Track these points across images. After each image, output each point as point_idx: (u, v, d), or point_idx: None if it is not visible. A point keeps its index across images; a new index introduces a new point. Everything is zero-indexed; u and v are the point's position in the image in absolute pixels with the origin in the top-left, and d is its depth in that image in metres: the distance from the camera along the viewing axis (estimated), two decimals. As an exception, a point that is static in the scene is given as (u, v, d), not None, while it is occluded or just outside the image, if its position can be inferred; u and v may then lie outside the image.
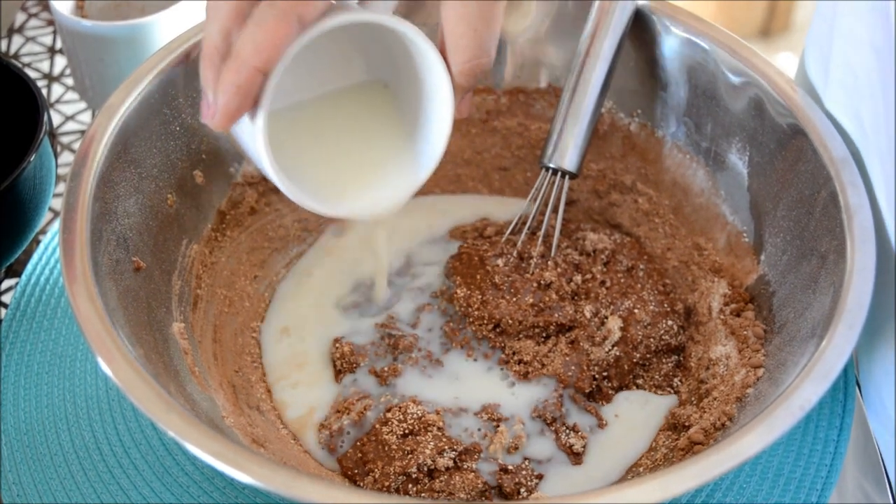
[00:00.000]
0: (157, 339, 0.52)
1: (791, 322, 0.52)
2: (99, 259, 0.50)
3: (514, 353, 0.58)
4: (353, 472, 0.54)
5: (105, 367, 0.44)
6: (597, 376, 0.57)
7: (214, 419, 0.51)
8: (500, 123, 0.69)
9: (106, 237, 0.52)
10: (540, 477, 0.53)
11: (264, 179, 0.64)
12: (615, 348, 0.58)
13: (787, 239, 0.55)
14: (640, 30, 0.62)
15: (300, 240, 0.66)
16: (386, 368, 0.58)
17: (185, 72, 0.59)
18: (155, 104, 0.57)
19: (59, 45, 0.87)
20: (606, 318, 0.59)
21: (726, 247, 0.60)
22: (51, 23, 0.90)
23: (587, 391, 0.57)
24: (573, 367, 0.57)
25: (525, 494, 0.52)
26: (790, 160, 0.55)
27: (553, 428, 0.55)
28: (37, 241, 0.68)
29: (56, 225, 0.67)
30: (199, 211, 0.61)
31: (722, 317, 0.57)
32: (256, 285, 0.63)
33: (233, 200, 0.63)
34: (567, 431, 0.55)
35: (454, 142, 0.69)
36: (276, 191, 0.65)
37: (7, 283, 0.68)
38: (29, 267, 0.64)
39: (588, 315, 0.59)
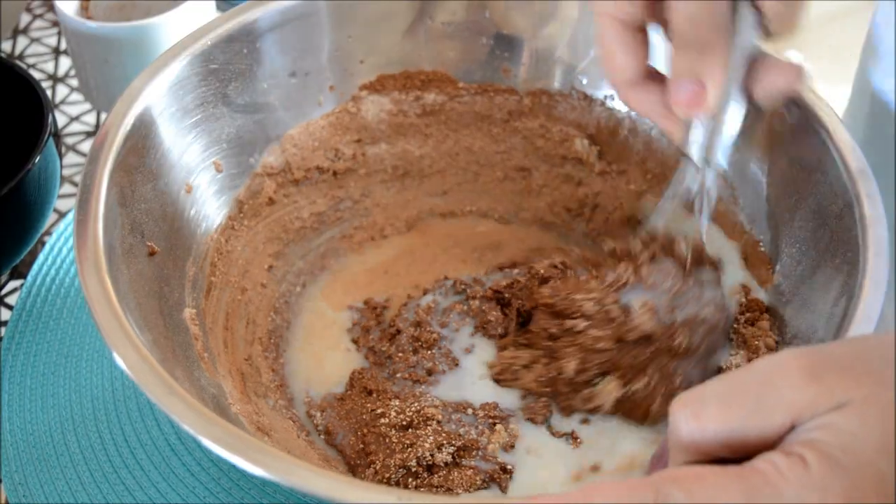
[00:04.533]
0: (167, 324, 0.52)
1: (802, 333, 0.52)
2: (112, 242, 0.50)
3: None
4: (355, 461, 0.54)
5: (113, 351, 0.45)
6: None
7: (221, 406, 0.51)
8: (521, 124, 0.69)
9: (121, 221, 0.52)
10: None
11: (284, 170, 0.65)
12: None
13: (802, 249, 0.54)
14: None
15: (316, 232, 0.66)
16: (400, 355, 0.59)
17: (206, 60, 0.59)
18: (177, 92, 0.58)
19: (63, 46, 0.87)
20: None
21: (743, 255, 0.59)
22: (55, 24, 0.90)
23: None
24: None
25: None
26: (808, 170, 0.55)
27: (546, 426, 0.55)
28: (41, 243, 0.68)
29: (61, 226, 0.68)
30: (216, 199, 0.61)
31: (735, 325, 0.57)
32: (271, 275, 0.63)
33: (251, 190, 0.63)
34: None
35: (476, 140, 0.69)
36: (294, 182, 0.65)
37: (12, 284, 0.68)
38: (34, 268, 0.64)
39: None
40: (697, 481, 0.32)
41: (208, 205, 0.60)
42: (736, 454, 0.34)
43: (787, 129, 0.56)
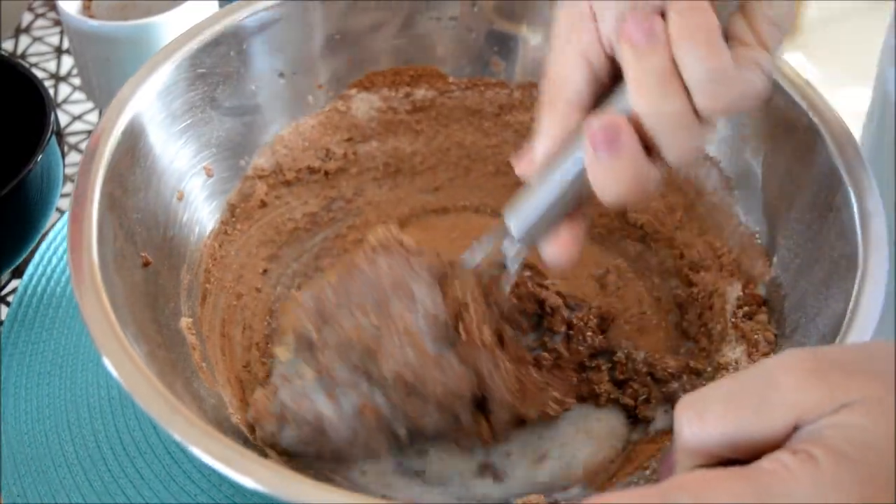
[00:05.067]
0: (164, 334, 0.52)
1: (801, 327, 0.52)
2: (106, 255, 0.50)
3: None
4: None
5: (109, 367, 0.44)
6: None
7: (221, 416, 0.51)
8: (512, 118, 0.68)
9: (114, 232, 0.51)
10: None
11: (275, 172, 0.64)
12: None
13: (799, 242, 0.54)
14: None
15: (310, 233, 0.66)
16: None
17: (193, 64, 0.59)
18: (165, 98, 0.57)
19: (65, 45, 0.87)
20: None
21: (739, 248, 0.59)
22: (57, 23, 0.89)
23: None
24: None
25: None
26: (805, 162, 0.55)
27: None
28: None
29: (59, 224, 0.67)
30: (208, 204, 0.61)
31: (734, 319, 0.57)
32: (266, 279, 0.63)
33: (243, 193, 0.63)
34: None
35: (467, 135, 0.69)
36: (286, 184, 0.65)
37: (13, 283, 0.68)
38: (30, 268, 0.64)
39: None
40: (704, 485, 0.32)
41: (200, 210, 0.60)
42: (742, 455, 0.33)
43: (782, 119, 0.56)
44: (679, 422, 0.34)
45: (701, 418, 0.34)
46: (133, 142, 0.55)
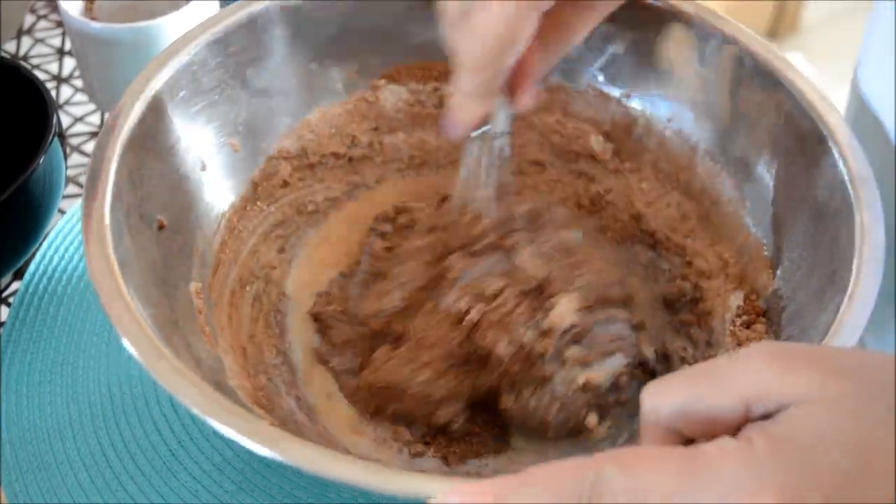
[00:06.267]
0: (171, 295, 0.54)
1: (795, 338, 0.51)
2: (120, 216, 0.51)
3: None
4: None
5: (114, 321, 0.46)
6: None
7: (218, 378, 0.52)
8: (537, 119, 0.69)
9: (131, 195, 0.53)
10: None
11: (300, 155, 0.66)
12: None
13: (802, 254, 0.54)
14: (677, 36, 0.62)
15: (328, 215, 0.67)
16: None
17: (225, 44, 0.61)
18: (194, 73, 0.59)
19: (68, 46, 0.88)
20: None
21: (746, 258, 0.59)
22: (60, 24, 0.90)
23: None
24: None
25: None
26: (813, 174, 0.55)
27: None
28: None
29: (60, 223, 0.68)
30: (230, 179, 0.62)
31: (732, 328, 0.57)
32: (281, 256, 0.64)
33: (266, 173, 0.64)
34: None
35: (493, 134, 0.70)
36: (309, 167, 0.66)
37: (15, 285, 0.68)
38: (31, 267, 0.65)
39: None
40: (637, 459, 0.32)
41: (222, 184, 0.62)
42: (698, 435, 0.34)
43: (793, 130, 0.56)
44: (642, 398, 0.35)
45: (659, 391, 0.35)
46: (158, 111, 0.57)
